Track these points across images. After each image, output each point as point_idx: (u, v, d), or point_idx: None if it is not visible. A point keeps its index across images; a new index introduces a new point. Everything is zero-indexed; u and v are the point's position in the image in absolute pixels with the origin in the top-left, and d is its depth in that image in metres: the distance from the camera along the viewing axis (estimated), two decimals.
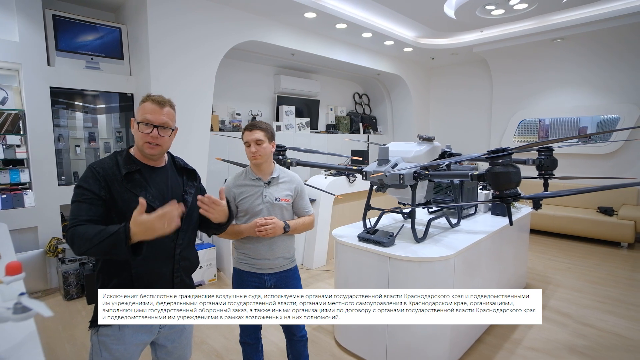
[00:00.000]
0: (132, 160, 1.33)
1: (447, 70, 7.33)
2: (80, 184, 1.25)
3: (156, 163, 1.39)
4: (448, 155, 2.68)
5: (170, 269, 1.35)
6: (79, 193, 1.23)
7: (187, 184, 1.46)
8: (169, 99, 1.36)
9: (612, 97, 5.38)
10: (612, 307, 3.19)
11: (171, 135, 1.36)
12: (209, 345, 2.64)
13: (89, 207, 1.22)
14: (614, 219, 4.91)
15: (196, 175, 1.52)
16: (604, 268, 4.17)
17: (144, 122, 1.28)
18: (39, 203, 3.42)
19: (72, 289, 3.35)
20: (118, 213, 1.24)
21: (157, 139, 1.30)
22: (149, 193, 1.30)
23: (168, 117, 1.32)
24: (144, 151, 1.31)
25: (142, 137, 1.29)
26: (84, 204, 1.22)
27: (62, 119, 3.65)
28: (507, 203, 1.69)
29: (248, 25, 4.35)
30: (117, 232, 1.11)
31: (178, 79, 3.77)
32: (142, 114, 1.29)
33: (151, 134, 1.29)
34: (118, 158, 1.32)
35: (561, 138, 1.51)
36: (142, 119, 1.29)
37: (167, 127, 1.32)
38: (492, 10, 4.42)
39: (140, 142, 1.30)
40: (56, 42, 3.50)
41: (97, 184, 1.24)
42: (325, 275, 3.95)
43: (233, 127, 5.31)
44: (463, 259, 2.29)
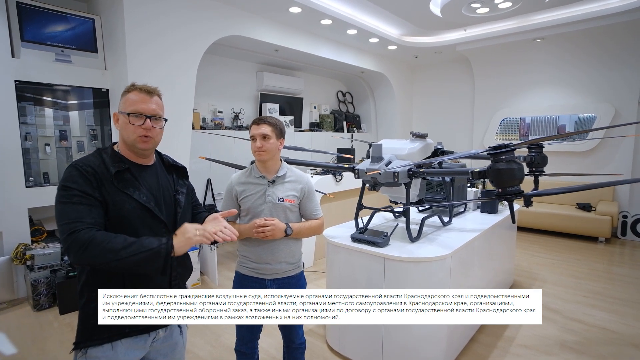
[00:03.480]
0: (120, 158, 1.19)
1: (431, 68, 7.38)
2: (66, 184, 1.08)
3: (145, 161, 1.26)
4: (441, 152, 2.64)
5: (167, 277, 1.23)
6: (68, 195, 1.07)
7: (178, 183, 1.34)
8: (155, 87, 1.24)
9: (588, 96, 5.54)
10: (596, 302, 3.25)
11: (163, 127, 1.25)
12: (194, 354, 2.49)
13: (89, 210, 1.06)
14: (592, 215, 5.06)
15: (186, 173, 1.41)
16: (584, 263, 4.27)
17: (134, 114, 1.16)
18: (4, 206, 3.16)
19: (43, 299, 3.11)
20: (110, 216, 1.12)
21: (150, 131, 1.18)
22: (143, 193, 1.18)
23: (158, 107, 1.22)
24: (137, 146, 1.19)
25: (134, 131, 1.17)
26: (81, 206, 1.06)
27: (29, 116, 3.38)
28: (511, 201, 1.64)
29: (231, 19, 4.19)
30: (158, 248, 1.05)
31: (157, 74, 3.57)
32: (130, 105, 1.17)
33: (144, 125, 1.17)
34: (104, 156, 1.17)
35: (566, 133, 1.46)
36: (132, 110, 1.16)
37: (159, 118, 1.21)
38: (477, 9, 4.44)
39: (131, 137, 1.17)
40: (21, 32, 3.23)
41: (89, 184, 1.09)
42: (313, 277, 3.85)
43: (215, 125, 5.14)
44: (459, 258, 2.25)
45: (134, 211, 1.14)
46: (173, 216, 1.27)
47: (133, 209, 1.14)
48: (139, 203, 1.15)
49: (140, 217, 1.15)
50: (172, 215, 1.27)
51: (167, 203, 1.27)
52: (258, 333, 1.80)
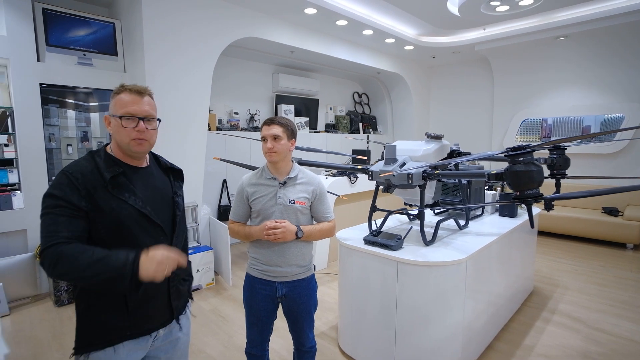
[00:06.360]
0: (114, 161, 1.16)
1: (448, 69, 7.24)
2: (52, 192, 1.05)
3: (139, 163, 1.23)
4: (457, 154, 2.57)
5: (166, 280, 1.21)
6: (51, 204, 1.04)
7: (176, 185, 1.33)
8: (146, 87, 1.20)
9: (615, 96, 5.30)
10: (623, 311, 3.09)
11: (157, 128, 1.22)
12: (206, 354, 2.51)
13: (68, 221, 1.03)
14: (619, 220, 4.83)
15: (182, 175, 1.39)
16: (610, 270, 4.08)
17: (126, 116, 1.13)
18: (29, 205, 3.28)
19: (63, 295, 3.20)
20: (106, 225, 1.09)
21: (144, 133, 1.15)
22: (138, 198, 1.15)
23: (151, 107, 1.18)
24: (131, 149, 1.15)
25: (127, 134, 1.13)
26: (62, 218, 1.03)
27: (53, 118, 3.50)
28: (529, 204, 1.58)
29: (247, 21, 4.23)
30: (123, 270, 0.98)
31: (174, 76, 3.64)
32: (122, 107, 1.13)
33: (137, 127, 1.13)
34: (97, 159, 1.14)
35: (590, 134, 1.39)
36: (123, 112, 1.13)
37: (152, 119, 1.19)
38: (496, 7, 4.33)
39: (125, 140, 1.14)
40: (46, 37, 3.35)
41: (76, 194, 1.05)
42: (327, 279, 3.82)
43: (231, 126, 5.19)
44: (474, 263, 2.18)
45: (131, 217, 1.12)
46: (171, 219, 1.25)
47: (130, 215, 1.12)
48: (134, 209, 1.13)
49: (138, 222, 1.13)
50: (169, 218, 1.25)
51: (165, 206, 1.25)
52: (268, 336, 1.79)
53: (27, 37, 3.19)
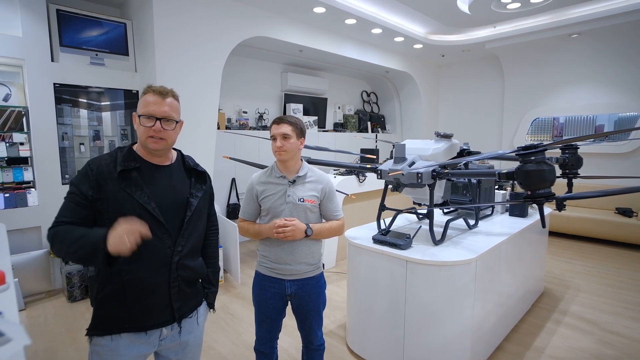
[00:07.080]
0: (133, 157, 1.24)
1: (458, 67, 7.18)
2: (72, 180, 1.20)
3: (161, 160, 1.29)
4: (467, 153, 2.55)
5: (166, 278, 1.23)
6: (69, 191, 1.19)
7: (195, 187, 1.34)
8: (171, 89, 1.26)
9: (630, 94, 5.19)
10: (638, 314, 3.04)
11: (175, 129, 1.26)
12: (216, 350, 2.53)
13: (75, 208, 1.16)
14: (633, 221, 4.74)
15: (206, 177, 1.40)
16: (625, 272, 4.00)
17: (145, 115, 1.20)
18: (43, 202, 3.34)
19: (76, 291, 3.26)
20: (110, 215, 1.15)
21: (160, 133, 1.21)
22: (144, 193, 1.19)
23: (171, 109, 1.23)
24: (148, 146, 1.23)
25: (144, 132, 1.21)
26: (71, 204, 1.17)
27: (66, 117, 3.57)
28: (540, 204, 1.56)
29: (255, 20, 4.25)
30: (97, 241, 1.06)
31: (184, 75, 3.68)
32: (144, 106, 1.21)
33: (154, 127, 1.20)
34: (118, 154, 1.24)
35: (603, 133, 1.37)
36: (143, 111, 1.21)
37: (170, 120, 1.23)
38: (507, 4, 4.27)
39: (143, 137, 1.22)
40: (60, 38, 3.42)
41: (87, 183, 1.17)
42: (335, 278, 3.83)
43: (240, 125, 5.22)
44: (484, 263, 2.16)
45: (133, 210, 1.16)
46: (180, 218, 1.26)
47: (133, 209, 1.16)
48: (138, 203, 1.17)
49: (141, 216, 1.15)
50: (179, 217, 1.26)
51: (176, 205, 1.26)
52: (277, 333, 1.80)
53: (42, 38, 3.26)
